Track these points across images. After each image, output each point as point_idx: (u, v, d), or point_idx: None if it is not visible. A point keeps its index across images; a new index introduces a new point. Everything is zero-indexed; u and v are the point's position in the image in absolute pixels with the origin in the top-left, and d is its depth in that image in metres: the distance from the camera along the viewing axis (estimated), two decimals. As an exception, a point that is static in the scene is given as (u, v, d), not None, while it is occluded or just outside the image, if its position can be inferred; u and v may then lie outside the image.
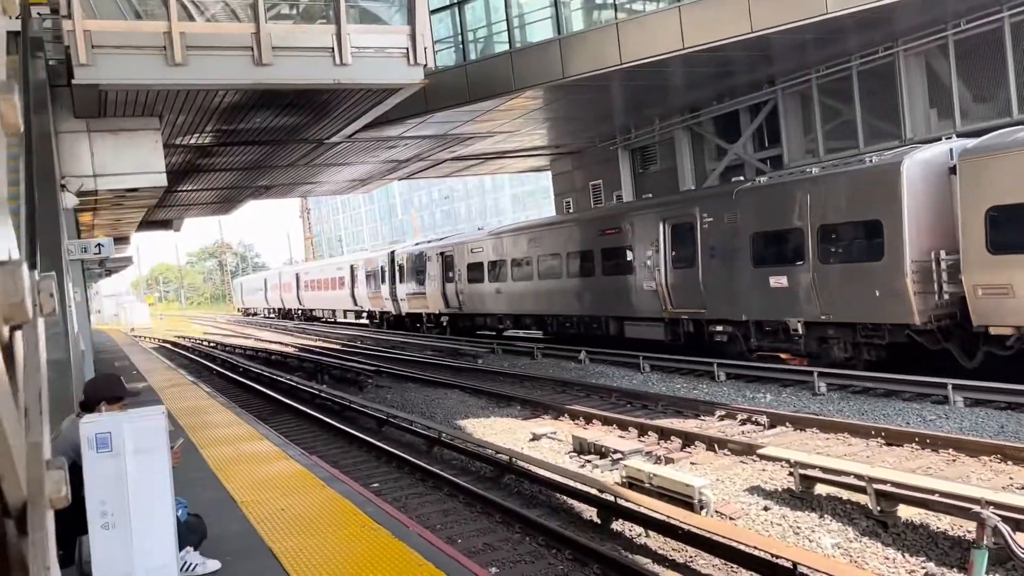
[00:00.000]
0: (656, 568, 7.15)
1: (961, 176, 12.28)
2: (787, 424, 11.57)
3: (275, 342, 36.56)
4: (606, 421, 13.00)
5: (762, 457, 9.14)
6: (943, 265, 12.58)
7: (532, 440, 12.52)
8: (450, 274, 29.44)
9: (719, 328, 17.16)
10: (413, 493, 10.22)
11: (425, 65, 11.78)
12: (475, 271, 27.56)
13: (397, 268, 34.53)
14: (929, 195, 13.00)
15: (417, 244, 35.17)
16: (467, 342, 26.72)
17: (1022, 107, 15.07)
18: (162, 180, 13.03)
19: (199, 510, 5.73)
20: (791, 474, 8.43)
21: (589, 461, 10.93)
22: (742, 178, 17.80)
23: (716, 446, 10.73)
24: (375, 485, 10.27)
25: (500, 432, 13.32)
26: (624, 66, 16.69)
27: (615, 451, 10.81)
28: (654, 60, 16.64)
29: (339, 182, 30.28)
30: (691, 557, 7.36)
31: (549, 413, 14.36)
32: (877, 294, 13.44)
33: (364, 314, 42.28)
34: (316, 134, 18.22)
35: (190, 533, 5.16)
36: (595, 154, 28.07)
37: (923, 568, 6.63)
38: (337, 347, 31.05)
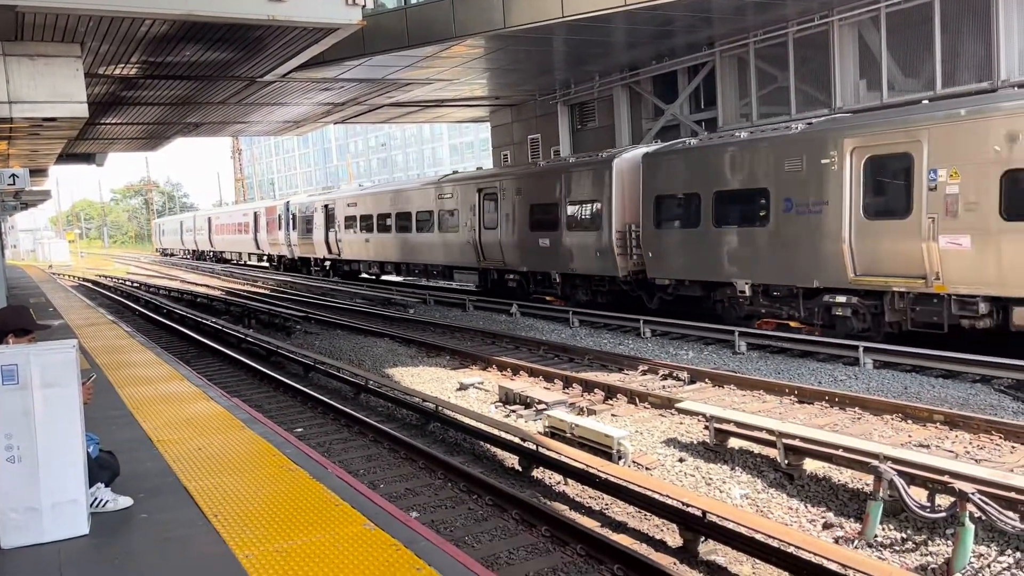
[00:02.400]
0: (573, 514, 7.36)
1: (643, 173, 17.13)
2: (706, 380, 11.92)
3: (201, 285, 35.75)
4: (533, 373, 13.18)
5: (680, 411, 9.41)
6: (634, 235, 17.48)
7: (459, 390, 12.62)
8: (331, 224, 33.90)
9: (511, 276, 22.16)
10: (337, 439, 10.23)
11: (364, 6, 11.46)
12: (350, 223, 32.03)
13: (291, 217, 38.66)
14: (629, 185, 17.68)
15: (310, 196, 39.37)
16: (399, 291, 26.66)
17: (946, 82, 15.53)
18: (83, 111, 12.43)
19: (113, 448, 5.64)
20: (707, 428, 8.71)
21: (514, 411, 11.10)
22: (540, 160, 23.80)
23: (637, 399, 11.00)
24: (299, 430, 10.24)
25: (428, 381, 13.38)
26: (566, 19, 16.57)
27: (540, 402, 10.99)
28: (596, 15, 16.56)
29: (272, 123, 29.48)
30: (607, 504, 7.59)
31: (478, 364, 14.47)
32: (597, 254, 18.38)
33: (265, 257, 45.83)
34: (248, 72, 17.64)
35: (101, 470, 5.08)
36: (535, 108, 27.95)
37: (823, 518, 6.98)
38: (265, 292, 30.54)
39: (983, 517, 5.84)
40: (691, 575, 6.11)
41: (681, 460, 8.54)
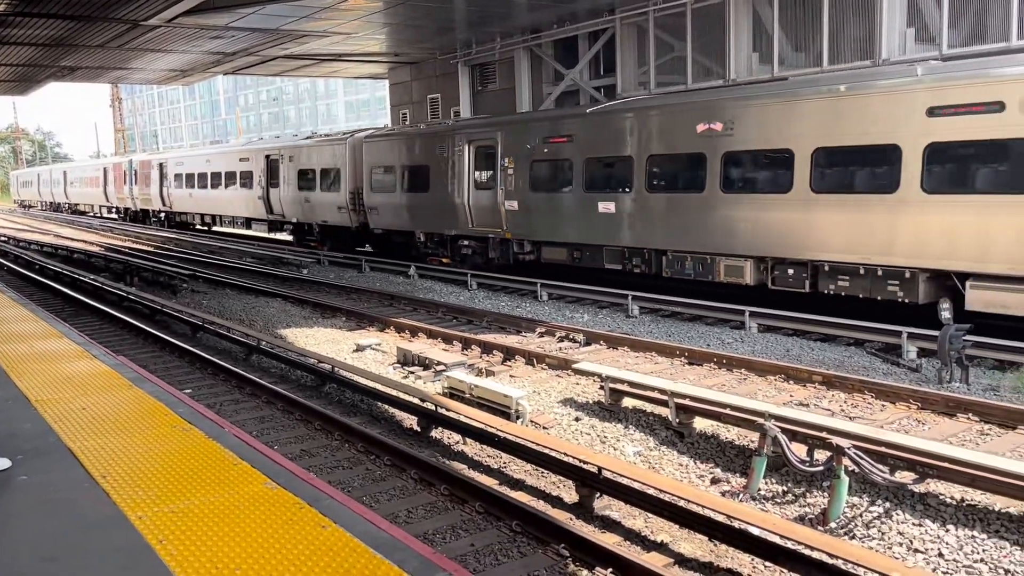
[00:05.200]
0: (472, 473, 7.43)
1: (365, 150, 23.10)
2: (601, 342, 12.20)
3: (78, 240, 33.78)
4: (431, 335, 13.14)
5: (576, 372, 9.60)
6: (358, 196, 23.44)
7: (356, 351, 12.46)
8: (164, 181, 38.51)
9: (287, 225, 28.14)
10: (228, 400, 9.95)
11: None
12: (178, 180, 36.79)
13: (134, 173, 42.97)
14: (357, 158, 23.57)
15: (149, 156, 43.78)
16: (290, 251, 26.01)
17: (832, 59, 16.19)
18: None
19: (-14, 408, 5.29)
20: (602, 388, 8.93)
21: (412, 372, 11.06)
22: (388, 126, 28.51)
23: (535, 361, 11.16)
24: (187, 391, 9.88)
25: (323, 342, 13.15)
26: (470, -24, 16.30)
27: (439, 363, 10.99)
28: (500, -26, 16.36)
29: (156, 71, 27.92)
30: (505, 463, 7.69)
31: (375, 325, 14.31)
32: (338, 209, 24.47)
33: (113, 209, 49.50)
34: (131, 14, 16.61)
35: (-25, 431, 4.76)
36: (435, 66, 27.52)
37: (711, 473, 7.30)
38: (149, 249, 29.16)
39: (857, 470, 6.24)
40: (587, 529, 6.28)
41: (577, 419, 8.73)
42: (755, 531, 5.69)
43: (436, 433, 8.57)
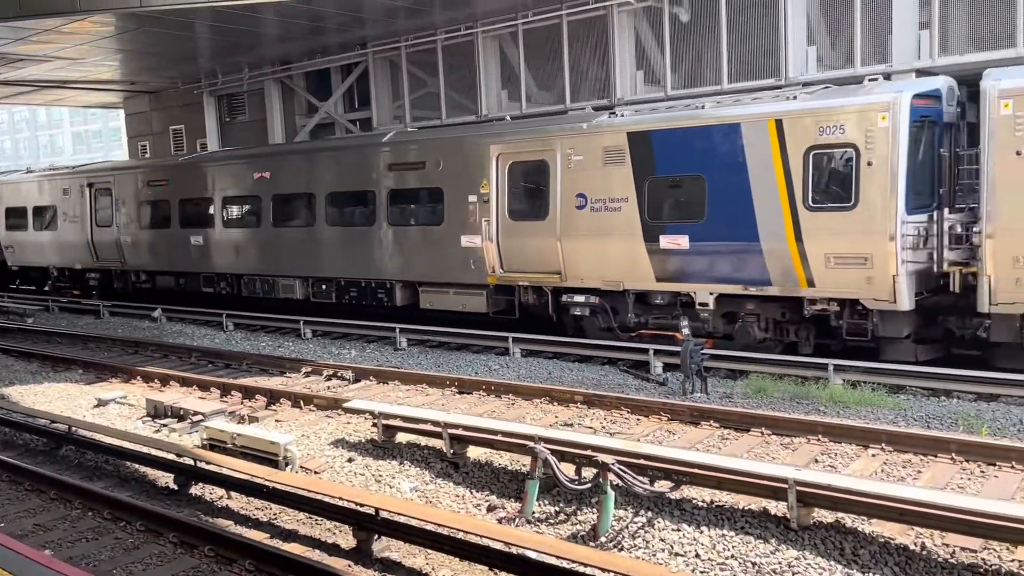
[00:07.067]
0: (239, 528, 6.95)
1: (3, 191, 24.74)
2: (371, 378, 12.00)
3: None
4: (185, 382, 12.23)
5: (347, 410, 9.35)
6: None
7: (97, 406, 11.30)
8: None
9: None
10: (-62, 476, 8.56)
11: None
12: None
13: None
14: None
15: None
16: (11, 299, 23.13)
17: (574, 97, 17.33)
18: None
19: None
20: (374, 425, 8.76)
21: (166, 425, 10.21)
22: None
23: (302, 402, 10.73)
24: None
25: (56, 399, 11.79)
26: (213, 4, 15.56)
27: (195, 413, 10.23)
28: (245, 3, 15.81)
29: None
30: (275, 514, 7.29)
31: (118, 376, 13.07)
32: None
33: None
34: None
35: None
36: (177, 96, 25.96)
37: (487, 501, 7.39)
38: None
39: (621, 484, 6.60)
40: (366, 575, 6.09)
41: (351, 460, 8.49)
42: (533, 555, 5.82)
43: (196, 490, 7.94)
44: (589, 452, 7.00)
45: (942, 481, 7.06)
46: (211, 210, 18.91)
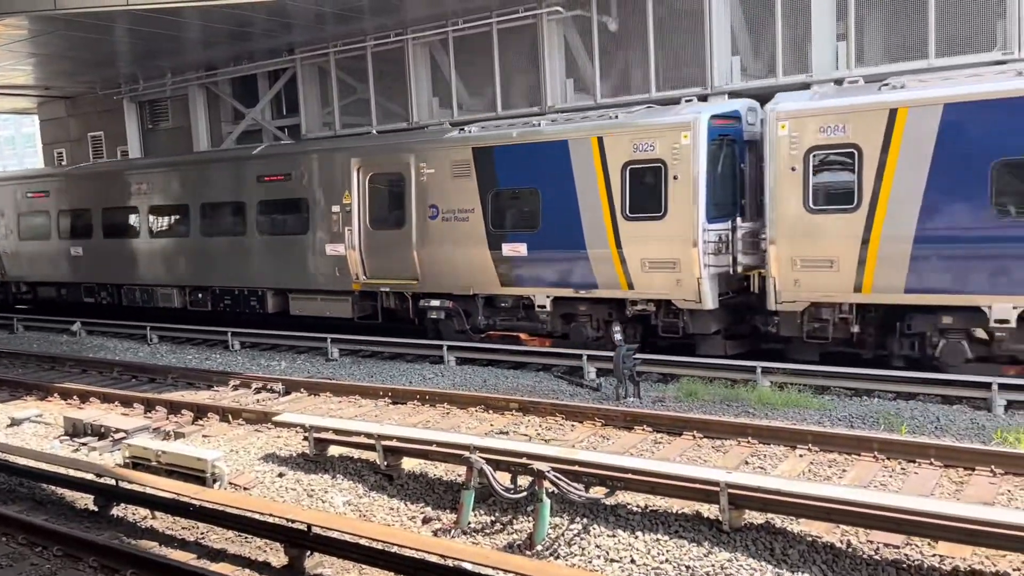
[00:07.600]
0: (164, 550, 6.71)
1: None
2: (302, 390, 11.77)
3: None
4: (106, 398, 11.79)
5: (277, 424, 9.14)
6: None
7: (11, 426, 10.83)
8: None
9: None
10: None
11: None
12: None
13: None
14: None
15: None
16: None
17: (505, 104, 17.34)
18: None
19: None
20: (306, 439, 8.58)
21: (85, 444, 9.81)
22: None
23: (230, 416, 10.46)
24: None
25: (-34, 419, 11.21)
26: (130, 7, 15.06)
27: (117, 430, 9.87)
28: (166, 7, 15.35)
29: None
30: (203, 533, 7.07)
31: (33, 393, 12.52)
32: None
33: None
34: None
35: None
36: (95, 102, 25.05)
37: (423, 513, 7.30)
38: None
39: (556, 491, 6.60)
40: (298, 593, 5.95)
41: (281, 475, 8.29)
42: (469, 566, 5.77)
43: (119, 511, 7.64)
44: (524, 460, 6.99)
45: (866, 479, 7.28)
46: (91, 221, 19.38)
